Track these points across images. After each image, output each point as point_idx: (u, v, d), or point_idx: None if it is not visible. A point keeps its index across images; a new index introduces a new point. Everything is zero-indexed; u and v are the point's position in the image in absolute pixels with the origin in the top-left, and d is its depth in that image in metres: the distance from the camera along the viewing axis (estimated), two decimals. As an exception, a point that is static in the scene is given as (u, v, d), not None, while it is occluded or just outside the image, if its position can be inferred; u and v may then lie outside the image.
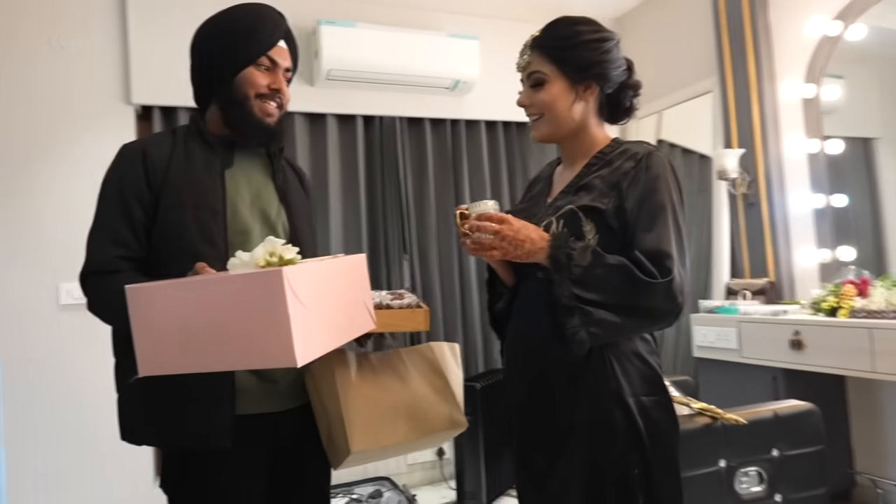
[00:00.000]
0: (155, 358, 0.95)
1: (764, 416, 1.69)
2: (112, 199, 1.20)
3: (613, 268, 1.03)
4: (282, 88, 1.28)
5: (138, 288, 0.95)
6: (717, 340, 2.75)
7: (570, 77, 1.16)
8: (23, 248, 2.54)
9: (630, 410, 1.07)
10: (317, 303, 0.96)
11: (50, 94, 2.62)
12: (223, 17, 1.29)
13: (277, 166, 1.35)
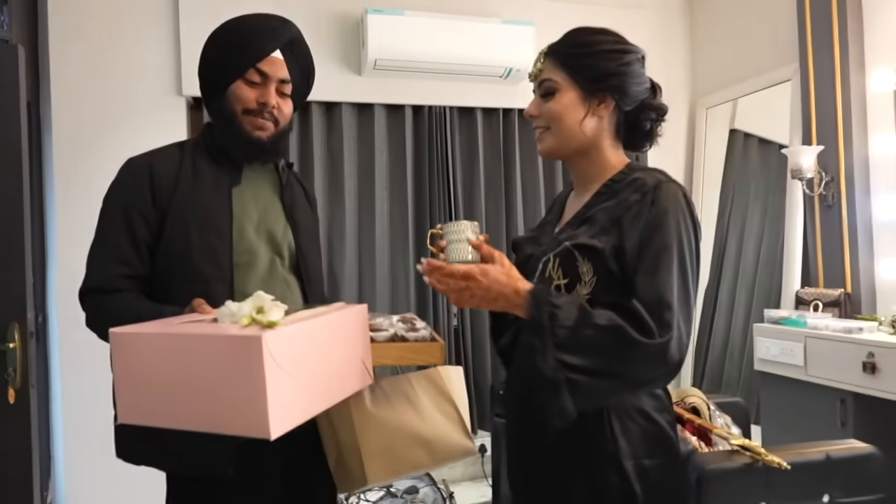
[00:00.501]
0: (135, 406, 0.92)
1: (814, 457, 1.51)
2: (116, 215, 1.19)
3: (603, 328, 0.91)
4: (269, 102, 1.22)
5: (122, 333, 0.92)
6: (780, 354, 2.53)
7: (583, 87, 1.05)
8: (87, 233, 2.67)
9: (627, 475, 0.97)
10: (302, 367, 0.90)
11: (109, 87, 2.71)
12: (221, 30, 1.26)
13: (285, 183, 1.32)
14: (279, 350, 0.85)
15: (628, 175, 1.05)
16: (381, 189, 3.06)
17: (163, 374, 0.89)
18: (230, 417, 0.86)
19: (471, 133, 3.18)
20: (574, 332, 0.91)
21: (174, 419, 0.90)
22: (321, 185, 2.96)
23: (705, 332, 3.48)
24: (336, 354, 1.00)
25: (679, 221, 0.97)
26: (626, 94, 1.06)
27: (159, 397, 0.90)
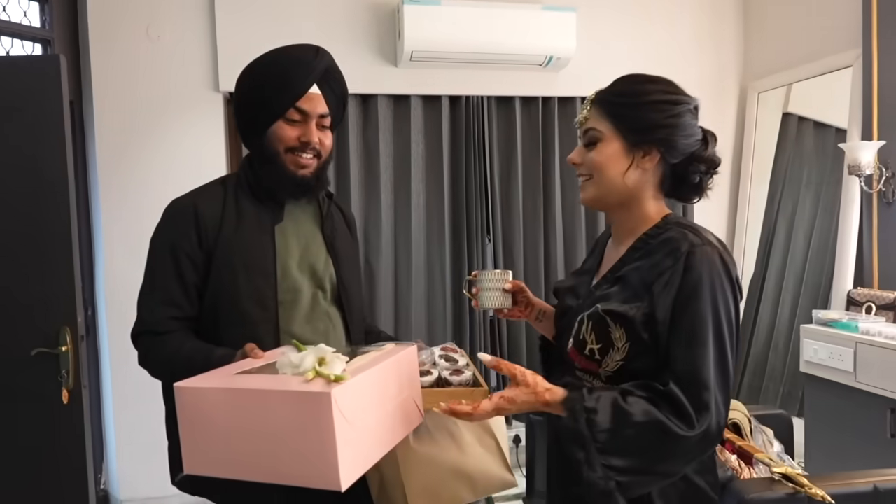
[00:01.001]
0: (200, 457, 0.93)
1: (861, 488, 1.47)
2: (164, 257, 1.20)
3: (643, 426, 0.88)
4: (312, 140, 1.22)
5: (187, 387, 0.93)
6: (828, 359, 2.45)
7: (627, 138, 1.00)
8: (130, 229, 2.74)
9: None
10: (364, 416, 0.91)
11: (147, 83, 2.74)
12: (255, 68, 1.25)
13: (326, 214, 1.32)
14: (346, 404, 0.86)
15: (663, 230, 1.01)
16: (418, 181, 3.04)
17: (228, 426, 0.90)
18: (299, 470, 0.87)
19: (509, 123, 3.12)
20: (614, 434, 0.89)
21: (240, 471, 0.91)
22: (357, 178, 2.96)
23: (749, 322, 3.39)
24: (392, 399, 1.01)
25: (715, 288, 0.93)
26: (672, 147, 1.00)
27: (225, 449, 0.91)
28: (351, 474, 0.87)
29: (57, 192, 2.02)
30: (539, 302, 1.30)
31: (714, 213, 3.43)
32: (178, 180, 2.68)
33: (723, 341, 0.92)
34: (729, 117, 3.41)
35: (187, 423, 0.93)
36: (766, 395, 3.29)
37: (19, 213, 2.01)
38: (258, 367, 1.02)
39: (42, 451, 2.04)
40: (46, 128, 2.01)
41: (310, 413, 0.84)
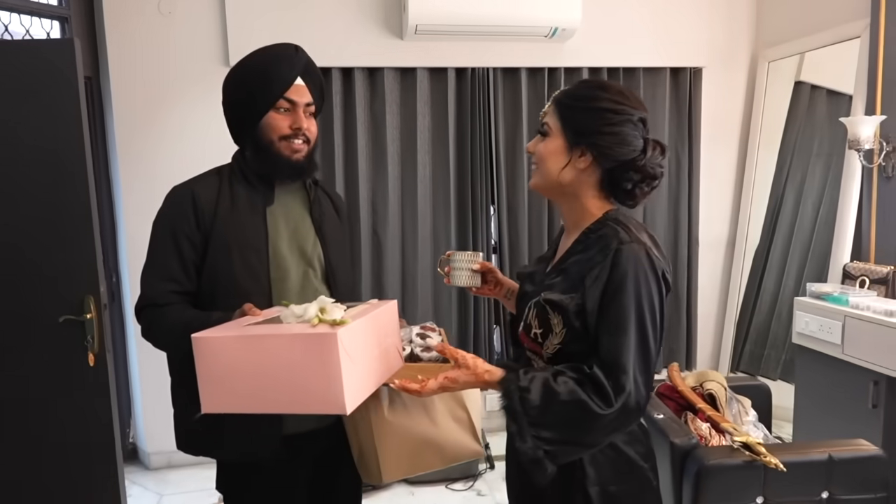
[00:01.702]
0: (216, 399, 1.06)
1: (816, 457, 1.56)
2: (164, 237, 1.32)
3: (568, 404, 0.99)
4: (302, 126, 1.31)
5: (203, 337, 1.05)
6: (818, 331, 2.50)
7: (567, 138, 1.09)
8: (149, 198, 2.87)
9: (590, 499, 1.06)
10: (361, 355, 1.05)
11: (160, 58, 2.84)
12: (241, 68, 1.33)
13: (314, 199, 1.42)
14: (348, 343, 0.99)
15: (601, 227, 1.09)
16: (424, 153, 3.11)
17: (242, 369, 1.03)
18: (310, 400, 1.01)
19: (514, 94, 3.15)
20: (543, 410, 0.99)
21: (254, 406, 1.05)
22: (364, 150, 3.04)
23: (752, 291, 3.43)
24: (380, 343, 1.15)
25: (639, 282, 1.01)
26: (604, 154, 1.07)
27: (240, 389, 1.04)
28: (353, 401, 1.01)
29: (75, 168, 2.15)
30: (508, 282, 1.40)
31: (721, 182, 3.44)
32: (191, 151, 2.84)
33: (644, 330, 1.00)
34: (738, 85, 3.38)
35: (205, 369, 1.05)
36: (768, 364, 3.35)
37: (41, 190, 2.15)
38: (261, 321, 1.14)
39: (72, 410, 2.24)
40: (64, 107, 2.13)
41: (318, 352, 0.98)
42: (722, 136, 3.39)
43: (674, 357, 3.42)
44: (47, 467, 2.27)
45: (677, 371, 2.04)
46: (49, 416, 2.24)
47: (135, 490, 2.84)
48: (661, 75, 3.26)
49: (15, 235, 2.16)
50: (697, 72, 3.31)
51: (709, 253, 3.45)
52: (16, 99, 2.12)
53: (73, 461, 2.27)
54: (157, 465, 3.06)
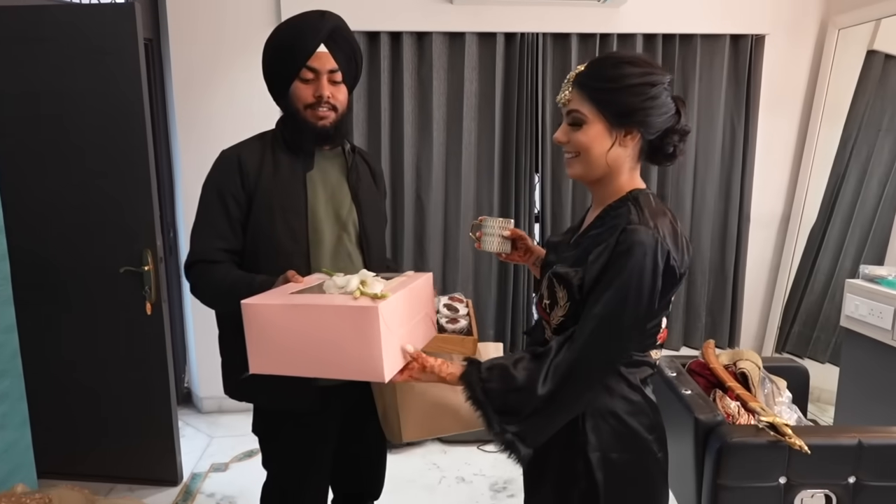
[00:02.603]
0: (263, 361, 1.13)
1: (845, 441, 1.53)
2: (213, 198, 1.40)
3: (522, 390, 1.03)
4: (324, 94, 1.35)
5: (252, 304, 1.12)
6: (868, 315, 2.42)
7: (609, 121, 1.07)
8: (203, 159, 3.00)
9: (590, 464, 1.10)
10: (398, 326, 1.11)
11: (214, 20, 2.92)
12: (271, 39, 1.39)
13: (352, 165, 1.47)
14: (387, 316, 1.06)
15: (621, 205, 1.09)
16: (469, 119, 3.10)
17: (288, 335, 1.10)
18: (350, 367, 1.08)
19: (564, 61, 3.09)
20: (504, 398, 1.04)
21: (298, 369, 1.12)
22: (410, 115, 3.07)
23: (805, 271, 3.32)
24: (417, 313, 1.21)
25: (638, 267, 1.01)
26: (650, 126, 1.07)
27: (285, 353, 1.11)
28: (391, 369, 1.07)
29: (135, 129, 2.27)
30: (537, 249, 1.42)
31: (778, 156, 3.30)
32: (243, 111, 2.94)
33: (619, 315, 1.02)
34: (804, 54, 3.21)
35: (253, 333, 1.12)
36: (817, 346, 3.26)
37: (104, 150, 2.29)
38: (304, 288, 1.21)
39: (131, 353, 2.42)
40: (125, 69, 2.24)
41: (360, 324, 1.04)
42: (782, 107, 3.24)
43: (716, 334, 3.37)
44: (108, 408, 2.48)
45: (712, 349, 2.02)
46: (110, 361, 2.43)
47: (188, 431, 3.05)
48: (719, 43, 3.13)
49: (81, 193, 2.32)
50: (760, 39, 3.16)
51: (760, 230, 3.34)
52: (81, 61, 2.24)
53: (132, 403, 2.47)
54: (209, 409, 3.27)
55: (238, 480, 2.61)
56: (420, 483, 2.60)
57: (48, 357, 2.38)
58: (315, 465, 1.49)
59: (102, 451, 2.48)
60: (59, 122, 2.28)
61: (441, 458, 2.81)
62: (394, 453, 2.83)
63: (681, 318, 3.35)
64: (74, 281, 2.36)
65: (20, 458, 1.85)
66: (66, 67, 2.24)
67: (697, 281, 3.32)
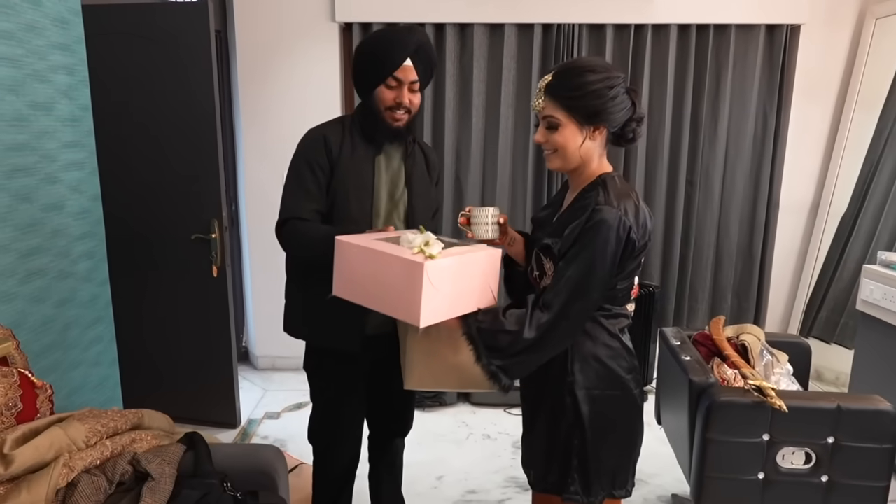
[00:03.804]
0: (342, 287, 1.41)
1: (824, 405, 1.70)
2: (303, 166, 1.66)
3: (508, 332, 1.26)
4: (404, 101, 1.60)
5: (341, 240, 1.39)
6: (882, 299, 2.52)
7: (579, 122, 1.28)
8: (268, 145, 3.31)
9: (577, 399, 1.33)
10: (448, 286, 1.28)
11: (276, 14, 3.20)
12: (365, 44, 1.64)
13: (410, 154, 1.72)
14: (434, 275, 1.23)
15: (593, 188, 1.30)
16: (507, 107, 3.30)
17: (361, 271, 1.35)
18: (399, 308, 1.29)
19: (599, 51, 3.24)
20: (493, 336, 1.27)
21: (363, 299, 1.37)
22: (451, 102, 3.29)
23: (834, 258, 3.39)
24: (471, 280, 1.35)
25: (601, 241, 1.22)
26: (613, 121, 1.28)
27: (357, 284, 1.37)
28: (429, 319, 1.27)
29: (206, 113, 2.58)
30: (513, 231, 1.58)
31: (810, 145, 3.37)
32: (300, 98, 3.23)
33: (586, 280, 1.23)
34: (840, 44, 3.25)
35: (339, 263, 1.40)
36: (844, 331, 3.33)
37: (178, 131, 2.61)
38: (391, 237, 1.45)
39: (200, 311, 2.76)
40: (198, 59, 2.55)
41: (409, 275, 1.25)
42: (816, 96, 3.31)
43: (742, 317, 3.49)
44: (179, 357, 2.83)
45: (720, 323, 2.19)
46: (182, 316, 2.78)
47: (245, 384, 3.40)
48: (754, 32, 3.21)
49: (157, 169, 2.65)
50: (795, 29, 3.23)
51: (790, 216, 3.43)
52: (158, 53, 2.56)
53: (199, 352, 2.81)
54: (264, 366, 3.62)
55: (288, 427, 2.94)
56: (449, 438, 2.86)
57: (132, 310, 2.74)
58: (350, 399, 1.76)
59: (173, 394, 2.83)
60: (145, 109, 2.61)
61: (470, 418, 3.06)
62: (427, 411, 3.10)
63: (706, 299, 3.48)
64: (155, 245, 2.71)
65: (111, 391, 2.19)
66: (150, 59, 2.56)
67: (724, 263, 3.44)
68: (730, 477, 1.75)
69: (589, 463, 1.34)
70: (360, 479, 1.96)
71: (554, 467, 1.39)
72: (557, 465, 1.38)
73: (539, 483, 1.44)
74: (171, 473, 1.34)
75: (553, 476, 1.40)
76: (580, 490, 1.37)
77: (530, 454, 1.48)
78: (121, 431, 1.44)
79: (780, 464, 1.74)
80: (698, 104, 3.29)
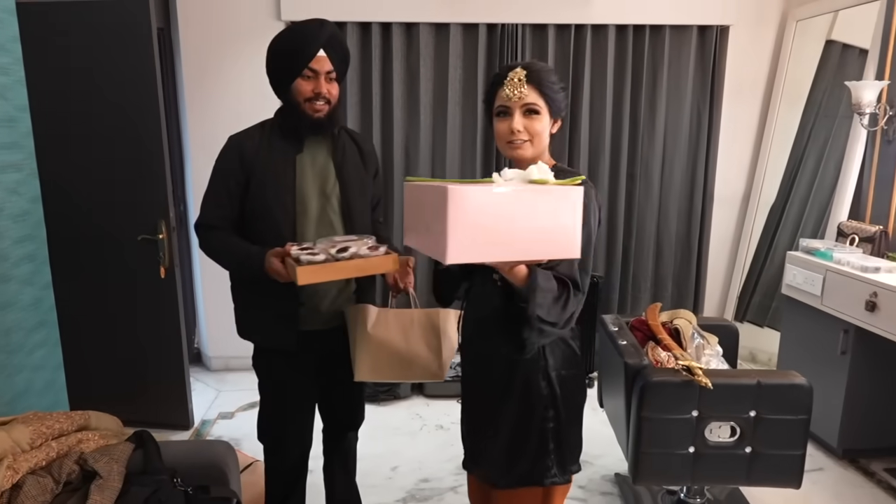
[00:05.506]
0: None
1: (746, 381, 1.83)
2: (216, 175, 1.71)
3: (558, 297, 1.28)
4: (322, 91, 1.63)
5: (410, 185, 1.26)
6: (803, 283, 2.71)
7: (551, 113, 1.39)
8: (216, 144, 3.28)
9: (552, 381, 1.40)
10: (491, 222, 1.10)
11: (221, 12, 3.18)
12: (276, 42, 1.66)
13: (338, 146, 1.75)
14: (467, 203, 1.07)
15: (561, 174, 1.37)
16: (454, 104, 3.37)
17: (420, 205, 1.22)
18: (435, 243, 1.13)
19: (541, 50, 3.34)
20: (547, 300, 1.26)
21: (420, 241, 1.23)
22: (399, 100, 3.33)
23: (764, 246, 3.59)
24: (528, 221, 1.13)
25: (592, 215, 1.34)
26: (562, 117, 1.43)
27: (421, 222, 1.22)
28: (458, 256, 1.10)
29: (150, 111, 2.56)
30: None
31: (741, 140, 3.56)
32: (247, 98, 3.23)
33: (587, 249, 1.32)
34: (766, 44, 3.45)
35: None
36: (775, 315, 3.54)
37: (123, 131, 2.58)
38: None
39: (148, 312, 2.73)
40: (139, 57, 2.52)
41: (440, 203, 1.10)
42: (745, 95, 3.50)
43: (682, 304, 3.66)
44: (128, 359, 2.80)
45: (656, 309, 2.31)
46: (130, 318, 2.75)
47: (198, 386, 3.38)
48: (686, 33, 3.37)
49: (101, 171, 2.62)
50: (724, 30, 3.40)
51: (723, 208, 3.62)
52: (98, 51, 2.53)
53: (150, 353, 2.79)
54: (217, 367, 3.60)
55: (242, 427, 2.94)
56: (403, 430, 2.92)
57: (78, 313, 2.68)
58: (295, 395, 1.80)
59: (124, 398, 2.79)
60: (86, 109, 2.56)
61: (424, 409, 3.13)
62: (382, 405, 3.16)
63: (649, 288, 3.64)
64: (101, 247, 2.67)
65: (56, 395, 2.17)
66: (90, 57, 2.52)
67: (664, 253, 3.61)
68: (663, 452, 1.87)
69: (563, 444, 1.43)
70: (317, 473, 2.01)
71: (524, 457, 1.42)
72: (530, 454, 1.42)
73: (504, 478, 1.45)
74: (120, 471, 1.36)
75: (523, 466, 1.43)
76: (558, 472, 1.43)
77: (491, 453, 1.47)
78: (67, 433, 1.45)
79: (709, 438, 1.87)
80: (637, 101, 3.43)
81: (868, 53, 2.89)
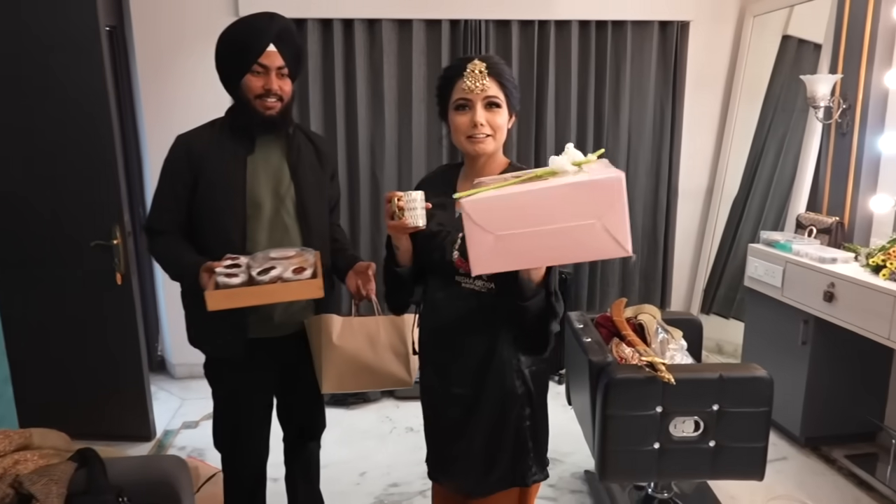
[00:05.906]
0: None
1: (709, 376, 1.84)
2: (163, 177, 1.65)
3: None
4: (273, 87, 1.57)
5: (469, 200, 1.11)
6: (765, 275, 2.74)
7: (509, 107, 1.37)
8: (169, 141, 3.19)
9: (525, 378, 1.39)
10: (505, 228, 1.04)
11: (176, 8, 3.10)
12: (224, 36, 1.59)
13: (293, 146, 1.68)
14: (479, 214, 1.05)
15: (513, 171, 1.35)
16: (419, 101, 3.33)
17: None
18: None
19: (505, 46, 3.32)
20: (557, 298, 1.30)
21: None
22: (363, 97, 3.28)
23: (728, 239, 3.64)
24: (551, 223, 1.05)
25: None
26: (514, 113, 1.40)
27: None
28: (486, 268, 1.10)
29: (101, 113, 2.47)
30: None
31: (703, 134, 3.60)
32: (204, 96, 3.13)
33: None
34: (724, 39, 3.49)
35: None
36: (740, 307, 3.59)
37: (73, 134, 2.49)
38: None
39: (105, 321, 2.64)
40: (88, 55, 2.42)
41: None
42: (705, 89, 3.53)
43: (649, 298, 3.69)
44: (84, 370, 2.70)
45: (621, 305, 2.32)
46: (85, 327, 2.66)
47: (162, 395, 3.29)
48: (648, 29, 3.39)
49: (50, 176, 2.52)
50: (685, 26, 3.43)
51: (688, 202, 3.65)
52: (44, 50, 2.42)
53: (107, 364, 2.70)
54: (181, 374, 3.51)
55: (207, 436, 2.83)
56: (373, 433, 2.89)
57: (27, 324, 2.58)
58: (248, 404, 1.75)
59: (79, 410, 2.70)
60: (34, 110, 2.45)
61: (394, 412, 3.10)
62: (351, 409, 3.12)
63: (617, 283, 3.66)
64: (54, 255, 2.56)
65: (4, 409, 2.08)
66: (37, 56, 2.42)
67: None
68: (629, 449, 1.87)
69: (538, 439, 1.43)
70: (280, 482, 1.96)
71: (502, 461, 1.41)
72: (508, 457, 1.40)
73: (479, 486, 1.43)
74: (60, 493, 1.30)
75: (502, 470, 1.41)
76: (538, 469, 1.44)
77: (463, 463, 1.44)
78: (4, 454, 1.38)
79: (673, 433, 1.87)
80: (601, 97, 3.44)
81: (822, 48, 2.94)
